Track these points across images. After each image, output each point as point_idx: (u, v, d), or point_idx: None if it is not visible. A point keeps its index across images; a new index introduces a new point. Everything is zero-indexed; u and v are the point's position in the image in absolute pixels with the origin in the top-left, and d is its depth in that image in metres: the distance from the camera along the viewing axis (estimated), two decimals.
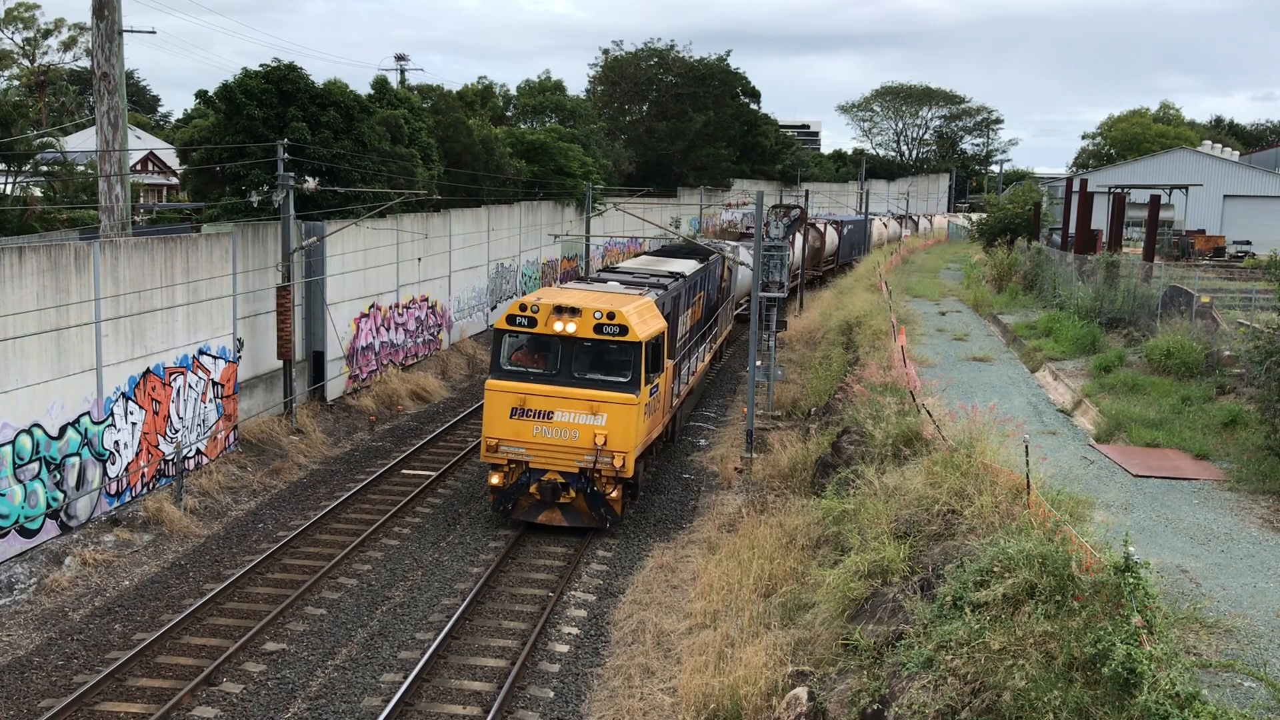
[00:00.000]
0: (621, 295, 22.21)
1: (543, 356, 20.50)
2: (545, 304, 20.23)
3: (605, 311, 19.94)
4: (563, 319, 20.07)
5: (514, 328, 20.40)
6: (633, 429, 19.85)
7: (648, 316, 21.22)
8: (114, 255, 20.56)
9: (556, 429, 19.92)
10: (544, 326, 20.13)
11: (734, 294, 41.28)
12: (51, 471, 18.91)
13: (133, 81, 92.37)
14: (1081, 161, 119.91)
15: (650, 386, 20.74)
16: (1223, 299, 30.31)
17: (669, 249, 37.20)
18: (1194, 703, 8.25)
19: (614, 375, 20.06)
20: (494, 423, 20.08)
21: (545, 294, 21.45)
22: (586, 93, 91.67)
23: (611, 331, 19.90)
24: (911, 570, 13.05)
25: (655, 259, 32.69)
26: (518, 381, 20.10)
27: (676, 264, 30.39)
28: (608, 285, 24.13)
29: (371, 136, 33.10)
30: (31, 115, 40.67)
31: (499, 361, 20.50)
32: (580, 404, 19.77)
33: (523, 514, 20.50)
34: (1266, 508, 15.61)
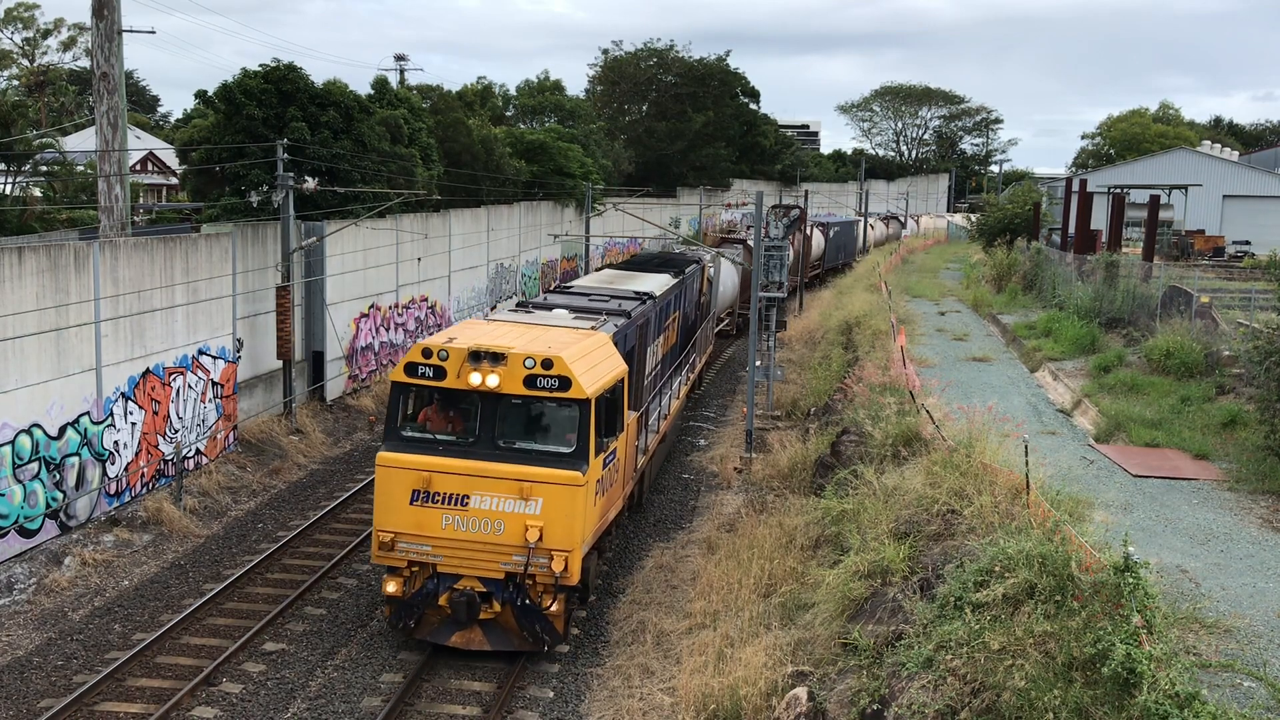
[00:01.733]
0: (567, 331, 16.99)
1: (456, 420, 15.33)
2: (458, 347, 14.87)
3: (540, 358, 14.68)
4: (482, 369, 14.72)
5: (416, 380, 15.04)
6: (578, 518, 14.66)
7: (600, 360, 16.09)
8: (113, 255, 20.56)
9: (474, 519, 14.65)
10: (456, 379, 14.83)
11: (715, 309, 36.63)
12: (51, 471, 18.91)
13: (132, 81, 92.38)
14: (1081, 161, 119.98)
15: (604, 456, 15.64)
16: (1222, 299, 30.33)
17: (638, 260, 31.66)
18: (1194, 703, 8.25)
19: (553, 444, 14.98)
20: (389, 510, 14.83)
21: (462, 331, 16.15)
22: (586, 93, 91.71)
23: (549, 385, 14.73)
24: (911, 570, 13.06)
25: (620, 274, 26.91)
26: (421, 454, 14.80)
27: (645, 280, 25.25)
28: (553, 314, 18.78)
29: (371, 136, 33.10)
30: (31, 115, 40.68)
31: (396, 426, 15.19)
32: (506, 485, 14.54)
33: (429, 634, 15.21)
34: (1266, 508, 15.62)
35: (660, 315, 23.17)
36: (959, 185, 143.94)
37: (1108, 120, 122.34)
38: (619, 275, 26.57)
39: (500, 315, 18.47)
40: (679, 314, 26.54)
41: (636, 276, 26.03)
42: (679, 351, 26.80)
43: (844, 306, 40.98)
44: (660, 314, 23.16)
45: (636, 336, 19.84)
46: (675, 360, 25.99)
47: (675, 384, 25.52)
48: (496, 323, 17.42)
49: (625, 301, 21.12)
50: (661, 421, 22.88)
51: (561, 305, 19.94)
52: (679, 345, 26.77)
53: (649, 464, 21.84)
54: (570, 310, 19.25)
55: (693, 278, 29.41)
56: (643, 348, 20.60)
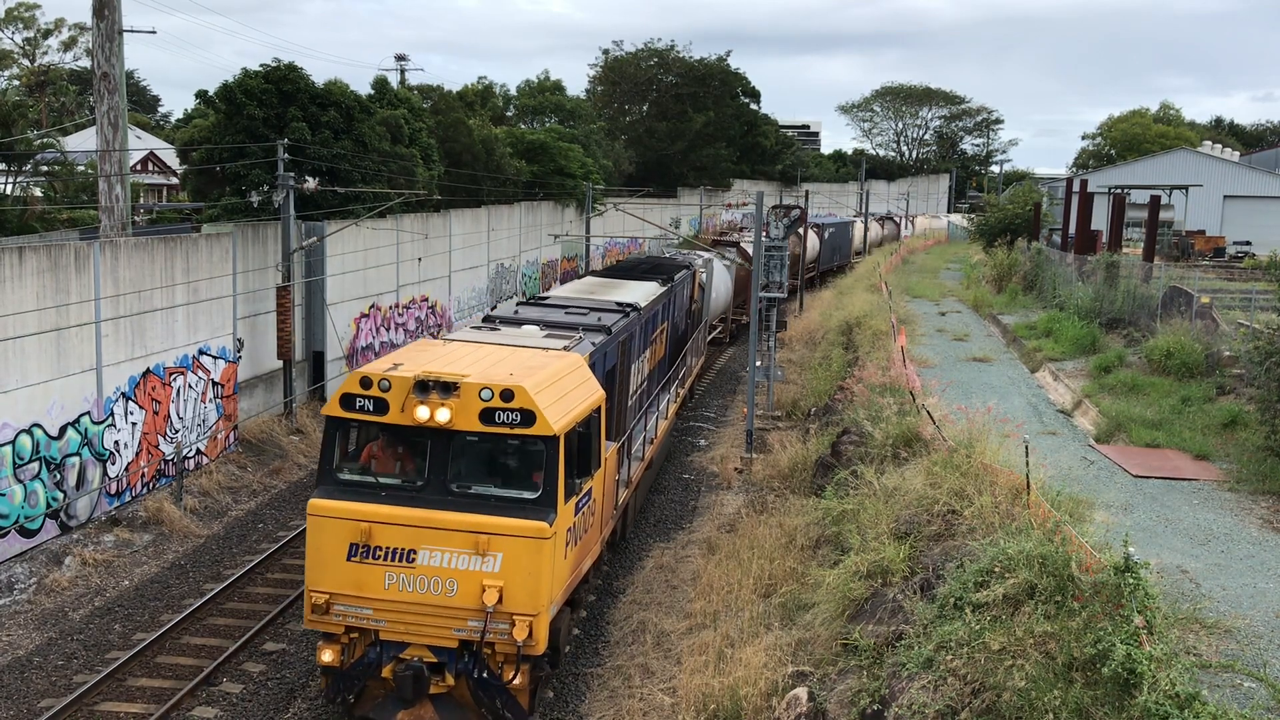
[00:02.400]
0: (535, 352, 14.86)
1: (401, 461, 13.24)
2: (402, 376, 12.76)
3: (499, 388, 12.60)
4: (430, 401, 12.60)
5: (353, 415, 12.92)
6: (544, 576, 12.59)
7: (573, 387, 14.12)
8: (114, 255, 20.57)
9: (422, 578, 12.50)
10: (401, 413, 12.73)
11: (707, 316, 34.76)
12: (51, 471, 18.92)
13: (133, 81, 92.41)
14: (1081, 162, 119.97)
15: (577, 499, 13.73)
16: (1223, 299, 30.32)
17: (624, 266, 29.67)
18: (1194, 703, 8.25)
19: (515, 489, 12.87)
20: (323, 567, 12.69)
21: (410, 356, 14.03)
22: (587, 93, 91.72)
23: (509, 420, 12.61)
24: (911, 570, 13.06)
25: (602, 282, 24.73)
26: (360, 501, 12.71)
27: (629, 289, 23.12)
28: (522, 331, 16.71)
29: (372, 137, 33.11)
30: (32, 115, 40.67)
31: (330, 468, 13.09)
32: (460, 537, 12.41)
33: (372, 710, 13.07)
34: (1266, 508, 15.61)
35: (646, 328, 21.53)
36: (959, 185, 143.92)
37: (1108, 120, 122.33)
38: (601, 284, 24.51)
39: (460, 334, 16.47)
40: (667, 325, 24.91)
41: (620, 285, 23.98)
42: (668, 366, 25.25)
43: (844, 307, 40.99)
44: (646, 327, 21.53)
45: (618, 355, 18.19)
46: (663, 376, 24.47)
47: (663, 403, 23.86)
48: (454, 343, 15.21)
49: (606, 315, 19.11)
50: (647, 447, 21.06)
51: (533, 320, 17.98)
52: (668, 359, 25.21)
53: (633, 496, 19.78)
54: (542, 326, 17.32)
55: (682, 284, 27.74)
56: (625, 366, 19.04)
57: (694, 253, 37.95)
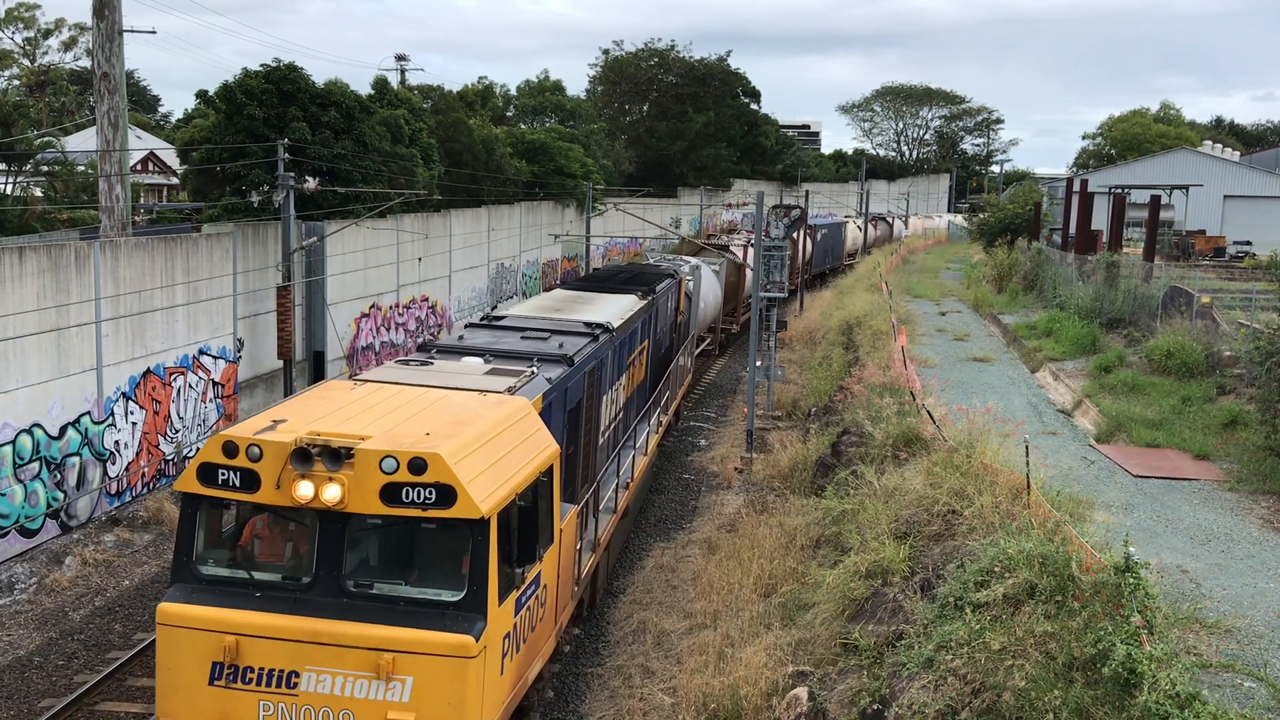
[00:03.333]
0: (469, 398, 11.82)
1: (280, 552, 10.35)
2: (277, 440, 9.86)
3: (408, 455, 9.70)
4: (315, 475, 9.72)
5: (215, 492, 10.06)
6: (470, 705, 9.78)
7: (514, 444, 11.11)
8: (114, 255, 20.57)
9: (307, 710, 9.72)
10: (277, 490, 9.85)
11: (695, 329, 31.88)
12: (52, 471, 18.92)
13: (133, 81, 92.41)
14: (1082, 162, 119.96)
15: (519, 594, 10.74)
16: (1223, 299, 30.31)
17: (600, 276, 26.55)
18: (1194, 703, 8.25)
19: (430, 588, 10.01)
20: (176, 693, 9.94)
21: (297, 410, 10.93)
22: (587, 93, 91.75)
23: (421, 499, 9.74)
24: (911, 570, 13.05)
25: (573, 296, 21.83)
26: (225, 606, 9.87)
27: (603, 304, 20.31)
28: (462, 364, 13.77)
29: (372, 137, 33.12)
30: (32, 115, 40.70)
31: (187, 561, 10.19)
32: (357, 656, 9.65)
33: None
34: (1267, 508, 15.61)
35: (621, 351, 18.77)
36: (960, 185, 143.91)
37: (1108, 120, 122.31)
38: (571, 298, 21.41)
39: (381, 372, 13.19)
40: (648, 343, 22.40)
41: (592, 300, 21.01)
42: (648, 391, 22.66)
43: (844, 307, 40.99)
44: (621, 350, 18.75)
45: (584, 389, 15.39)
46: (643, 404, 21.91)
47: (642, 436, 20.92)
48: (369, 385, 12.12)
49: (570, 339, 16.24)
50: (621, 494, 18.05)
51: (478, 350, 14.77)
52: (649, 383, 22.66)
53: (605, 554, 16.84)
54: (489, 357, 14.33)
55: (666, 296, 24.93)
56: (594, 402, 16.26)
57: (679, 259, 35.80)
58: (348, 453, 9.78)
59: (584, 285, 24.01)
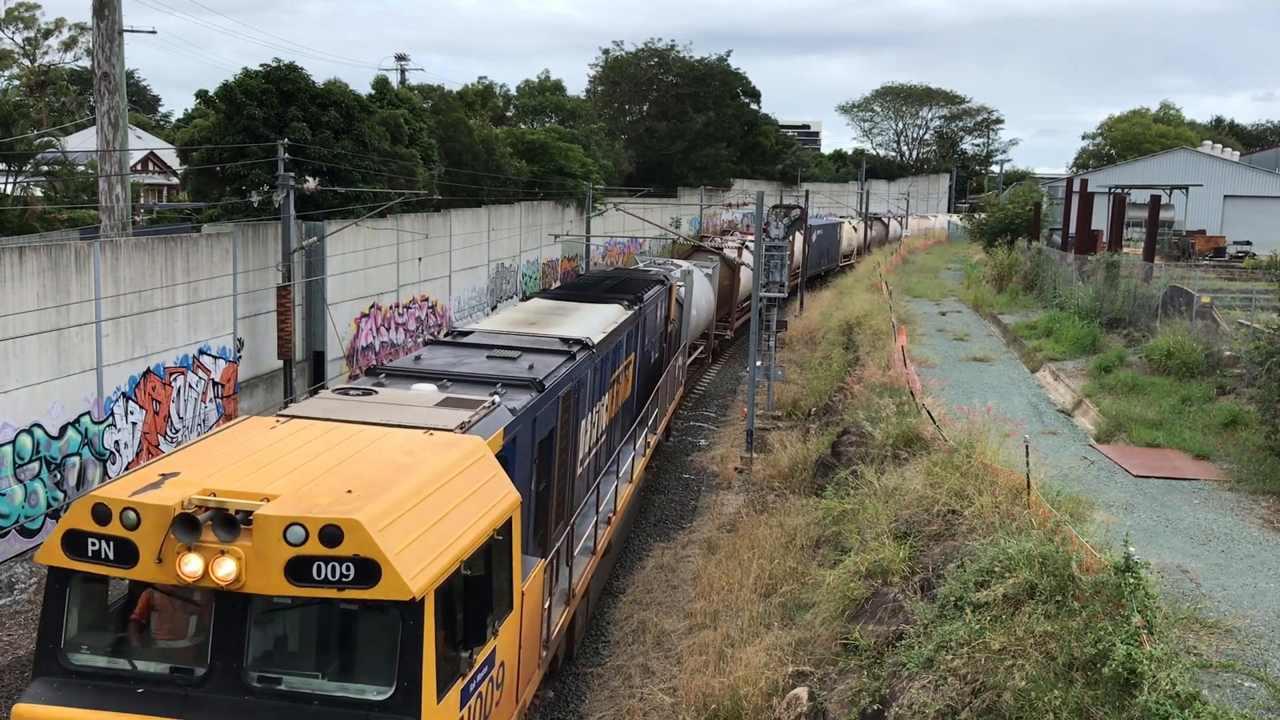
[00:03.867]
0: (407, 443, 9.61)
1: (169, 633, 8.49)
2: (157, 504, 7.94)
3: (320, 523, 7.85)
4: (204, 546, 7.86)
5: (86, 566, 8.15)
6: None
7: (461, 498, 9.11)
8: (114, 255, 20.57)
9: None
10: (157, 565, 7.97)
11: (686, 338, 30.02)
12: (52, 471, 18.93)
13: (133, 81, 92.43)
14: (1082, 162, 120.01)
15: (466, 681, 8.86)
16: (1223, 299, 30.32)
17: (584, 283, 24.12)
18: (1194, 703, 8.26)
19: (351, 683, 8.19)
20: None
21: (200, 455, 9.00)
22: (587, 93, 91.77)
23: (337, 576, 7.90)
24: (911, 570, 13.06)
25: (552, 306, 19.68)
26: (95, 708, 7.92)
27: (584, 316, 18.58)
28: (412, 392, 11.81)
29: (372, 136, 33.13)
30: (32, 115, 40.70)
31: (54, 649, 8.26)
32: None
33: None
34: (1267, 508, 15.61)
35: (603, 369, 17.10)
36: (960, 185, 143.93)
37: (1108, 120, 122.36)
38: (549, 309, 19.26)
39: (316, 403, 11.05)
40: (635, 357, 20.71)
41: (573, 311, 19.06)
42: (635, 409, 21.00)
43: (844, 306, 41.01)
44: (603, 367, 17.09)
45: (557, 416, 13.61)
46: (629, 424, 20.30)
47: (627, 461, 19.20)
48: (291, 424, 9.91)
49: (543, 358, 14.30)
50: (603, 529, 16.25)
51: (435, 373, 12.92)
52: (635, 400, 21.00)
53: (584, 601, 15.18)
54: (446, 383, 12.45)
55: (655, 304, 23.21)
56: (570, 430, 14.47)
57: (670, 262, 34.31)
58: (245, 518, 7.83)
59: (566, 294, 21.67)
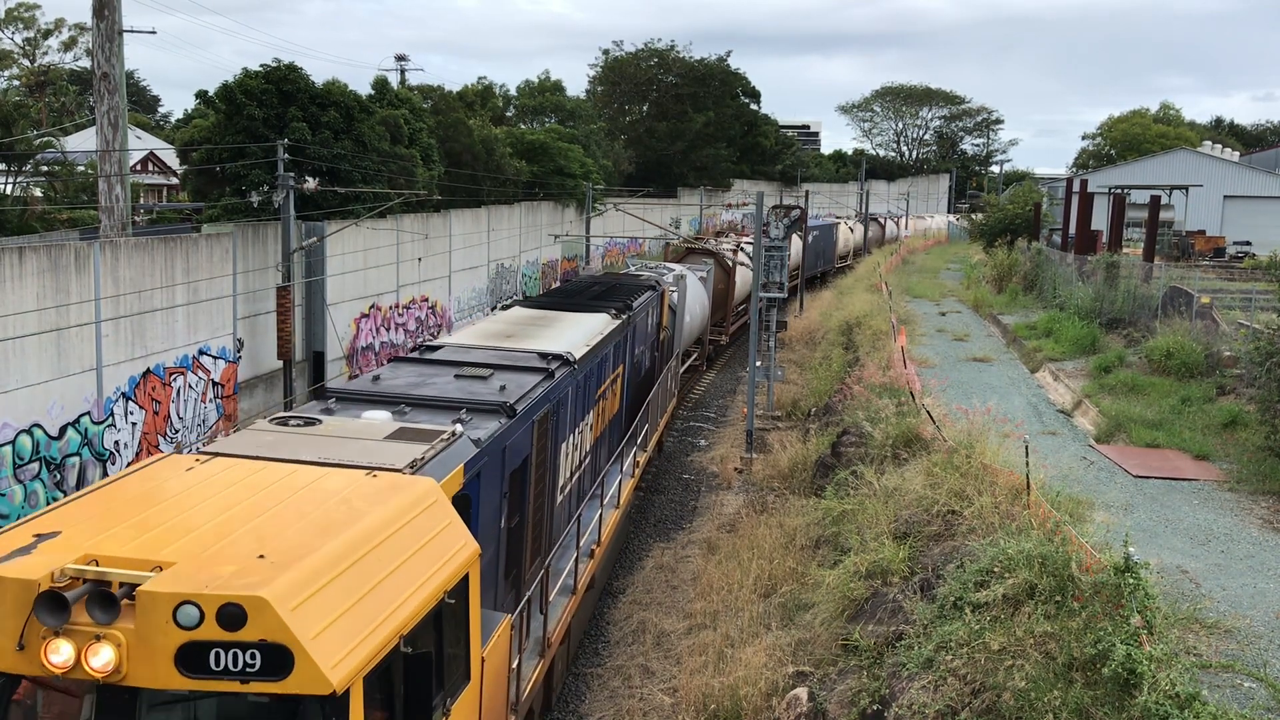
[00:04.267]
0: (344, 487, 8.06)
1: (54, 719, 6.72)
2: (18, 578, 6.29)
3: (219, 600, 6.19)
4: (76, 630, 6.18)
5: None
6: None
7: (401, 558, 7.45)
8: (114, 255, 20.57)
9: None
10: (18, 653, 6.30)
11: (679, 346, 28.85)
12: (52, 471, 18.92)
13: (133, 82, 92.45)
14: (1082, 162, 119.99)
15: None
16: (1223, 299, 30.31)
17: (569, 290, 22.92)
18: (1194, 703, 8.26)
19: None
20: None
21: (75, 517, 7.22)
22: (587, 93, 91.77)
23: (237, 665, 6.22)
24: (911, 571, 13.06)
25: (534, 317, 18.13)
26: None
27: (566, 327, 17.00)
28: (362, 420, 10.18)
29: (372, 137, 33.12)
30: (32, 115, 40.70)
31: None
32: None
33: None
34: (1267, 508, 15.61)
35: (587, 385, 15.50)
36: (960, 186, 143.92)
37: (1108, 121, 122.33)
38: (530, 319, 17.62)
39: (238, 441, 9.24)
40: (623, 369, 19.41)
41: (555, 322, 17.50)
42: (624, 424, 19.69)
43: (844, 307, 41.01)
44: (587, 384, 15.50)
45: (532, 442, 12.02)
46: (617, 442, 18.86)
47: (613, 485, 17.69)
48: (213, 463, 8.42)
49: (517, 377, 12.69)
50: (585, 563, 14.72)
51: (394, 395, 11.20)
52: (624, 415, 19.65)
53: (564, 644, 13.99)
54: (402, 408, 10.72)
55: (646, 311, 21.96)
56: (547, 456, 12.89)
57: (663, 266, 33.01)
58: (128, 593, 6.23)
59: (550, 302, 20.08)
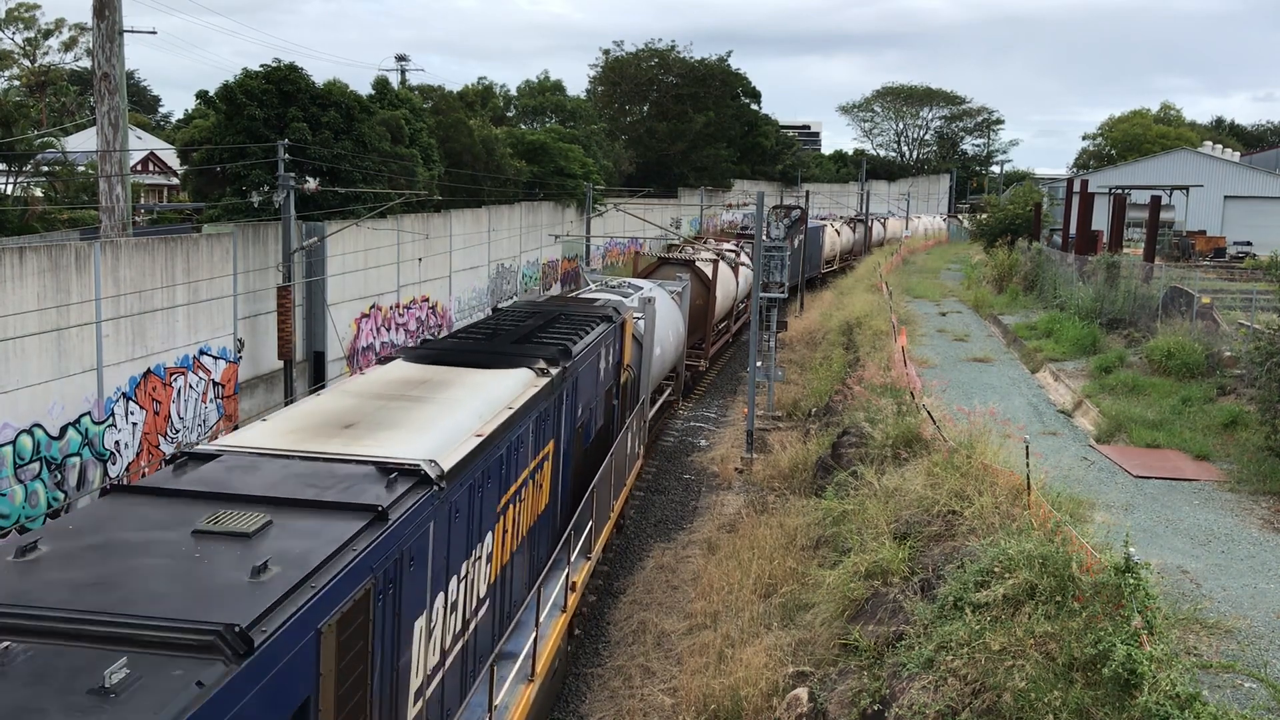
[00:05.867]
0: None
1: None
2: None
3: None
4: None
5: None
6: None
7: None
8: (115, 255, 20.57)
9: None
10: None
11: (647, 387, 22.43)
12: (52, 472, 18.92)
13: (133, 82, 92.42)
14: (1082, 162, 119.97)
15: None
16: (1223, 300, 30.31)
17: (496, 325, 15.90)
18: (1194, 703, 8.26)
19: None
20: None
21: None
22: (587, 93, 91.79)
23: None
24: (912, 571, 13.05)
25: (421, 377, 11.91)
26: None
27: (459, 399, 10.94)
28: None
29: (372, 137, 33.12)
30: (32, 115, 40.69)
31: None
32: None
33: None
34: (1267, 508, 15.61)
35: (473, 501, 9.78)
36: (960, 186, 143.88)
37: (1109, 121, 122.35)
38: (406, 385, 11.42)
39: None
40: (554, 445, 13.39)
41: (443, 388, 11.31)
42: (557, 520, 13.94)
43: (844, 307, 41.01)
44: (473, 498, 9.75)
45: (334, 657, 6.57)
46: (543, 555, 13.18)
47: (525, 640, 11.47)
48: None
49: (317, 523, 7.13)
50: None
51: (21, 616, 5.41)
52: (556, 509, 13.88)
53: None
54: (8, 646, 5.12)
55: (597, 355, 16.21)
56: (374, 661, 7.36)
57: (627, 284, 27.45)
58: None
59: (453, 350, 13.26)
